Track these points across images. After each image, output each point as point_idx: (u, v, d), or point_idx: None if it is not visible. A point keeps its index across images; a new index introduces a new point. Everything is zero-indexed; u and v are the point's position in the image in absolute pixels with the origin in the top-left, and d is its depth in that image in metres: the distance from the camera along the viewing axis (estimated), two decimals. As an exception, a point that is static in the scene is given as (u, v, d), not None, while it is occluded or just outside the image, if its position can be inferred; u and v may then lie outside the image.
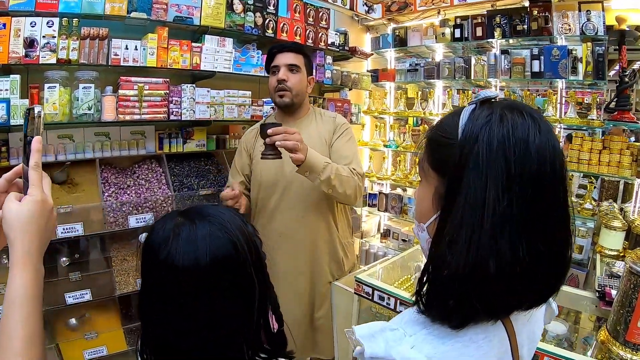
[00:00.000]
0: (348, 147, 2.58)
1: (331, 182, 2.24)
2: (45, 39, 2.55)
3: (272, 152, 2.11)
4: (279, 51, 2.56)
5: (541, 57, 3.80)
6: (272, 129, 2.07)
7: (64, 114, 2.63)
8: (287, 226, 2.54)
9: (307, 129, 2.57)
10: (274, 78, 2.54)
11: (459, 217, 0.79)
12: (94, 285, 2.82)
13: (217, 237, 1.01)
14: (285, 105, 2.54)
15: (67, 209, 2.63)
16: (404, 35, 4.73)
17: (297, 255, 2.56)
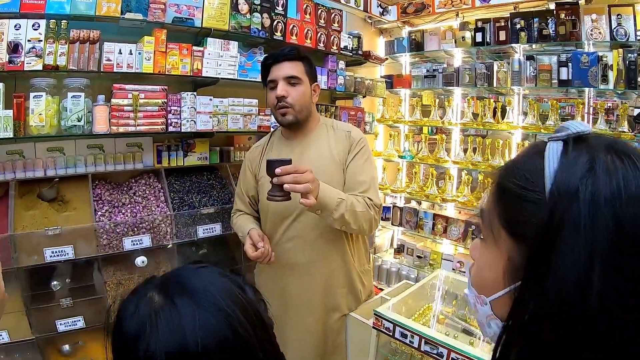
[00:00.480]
0: (365, 170, 2.31)
1: (345, 220, 2.05)
2: (31, 43, 2.34)
3: (279, 193, 1.87)
4: (273, 62, 2.28)
5: (569, 63, 3.56)
6: (281, 169, 1.81)
7: (52, 125, 2.42)
8: (298, 256, 2.29)
9: (318, 145, 2.32)
10: (272, 94, 2.27)
11: (551, 299, 0.61)
12: (87, 311, 2.60)
13: (208, 322, 0.74)
14: (288, 123, 2.27)
15: (55, 231, 2.42)
16: (420, 39, 4.48)
17: (309, 288, 2.30)
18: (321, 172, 2.12)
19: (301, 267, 2.28)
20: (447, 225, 4.04)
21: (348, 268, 2.35)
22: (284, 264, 2.29)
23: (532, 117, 3.66)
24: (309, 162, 2.18)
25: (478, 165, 3.86)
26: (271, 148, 2.40)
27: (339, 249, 2.31)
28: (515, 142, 3.83)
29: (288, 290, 2.30)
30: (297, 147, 2.30)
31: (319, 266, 2.28)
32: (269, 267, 2.30)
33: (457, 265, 3.86)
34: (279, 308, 2.27)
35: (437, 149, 4.20)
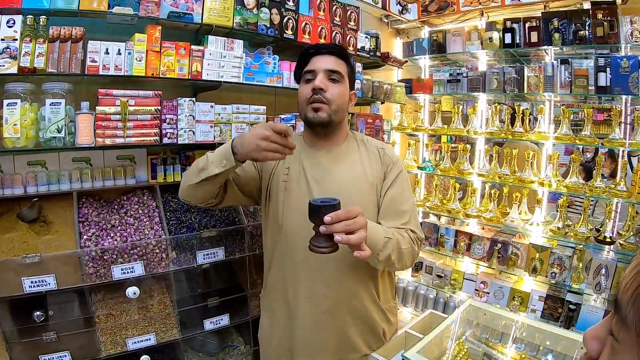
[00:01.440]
0: (407, 198, 2.03)
1: (390, 261, 1.79)
2: (5, 42, 2.07)
3: (326, 244, 1.50)
4: (316, 52, 1.98)
5: (607, 68, 3.26)
6: (332, 216, 1.45)
7: (28, 137, 2.15)
8: (315, 289, 1.97)
9: (348, 160, 2.03)
10: (307, 86, 1.95)
11: None
12: (74, 345, 2.34)
13: None
14: (320, 122, 1.93)
15: (34, 259, 2.14)
16: (442, 40, 4.19)
17: (323, 325, 2.00)
18: (353, 193, 1.93)
19: (317, 301, 1.97)
20: (470, 242, 3.74)
21: (372, 305, 2.05)
22: (294, 295, 2.00)
23: (566, 127, 3.33)
24: (340, 178, 1.96)
25: (506, 178, 3.54)
26: (290, 156, 2.06)
27: (363, 283, 2.01)
28: (546, 154, 3.52)
29: (296, 323, 2.01)
30: (324, 159, 2.00)
31: (338, 301, 1.98)
32: (276, 295, 2.05)
33: (481, 287, 3.58)
34: (285, 340, 2.04)
35: (460, 160, 3.89)
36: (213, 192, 1.92)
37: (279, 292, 2.03)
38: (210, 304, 2.71)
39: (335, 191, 1.87)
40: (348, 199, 1.80)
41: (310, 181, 1.93)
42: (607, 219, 3.03)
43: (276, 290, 2.05)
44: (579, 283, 3.05)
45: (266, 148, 1.64)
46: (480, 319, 2.23)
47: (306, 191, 1.92)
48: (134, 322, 2.48)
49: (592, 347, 0.69)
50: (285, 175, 1.97)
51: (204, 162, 1.82)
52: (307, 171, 1.96)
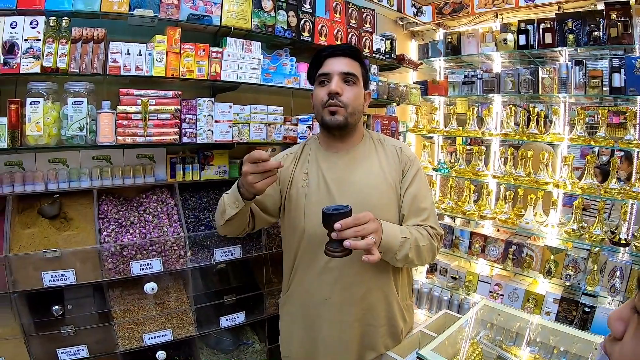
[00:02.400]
0: (426, 196, 2.04)
1: (408, 259, 1.83)
2: (28, 42, 2.12)
3: (339, 249, 1.57)
4: (330, 54, 1.98)
5: (622, 69, 3.24)
6: (341, 224, 1.52)
7: (51, 135, 2.18)
8: (336, 290, 1.98)
9: (366, 161, 2.03)
10: (322, 90, 1.95)
11: None
12: (92, 340, 2.37)
13: None
14: (337, 125, 1.94)
15: (54, 254, 2.18)
16: (457, 42, 4.19)
17: (345, 326, 2.00)
18: (372, 193, 1.93)
19: (337, 302, 1.98)
20: (485, 244, 3.74)
21: (391, 304, 2.06)
22: (318, 297, 2.01)
23: (581, 128, 3.32)
24: (359, 179, 1.96)
25: (520, 180, 3.54)
26: (307, 159, 2.07)
27: (383, 283, 2.02)
28: (561, 155, 3.51)
29: (319, 326, 2.02)
30: (342, 161, 2.00)
31: (359, 302, 1.98)
32: (299, 299, 2.05)
33: (495, 288, 3.57)
34: (307, 344, 2.06)
35: (475, 161, 3.89)
36: (243, 224, 1.98)
37: (302, 296, 2.04)
38: (227, 302, 2.73)
39: (354, 192, 1.90)
40: (368, 199, 1.85)
41: (330, 184, 1.94)
42: (623, 220, 3.02)
43: (298, 295, 2.06)
44: (594, 285, 3.04)
45: (254, 180, 1.67)
46: (495, 319, 2.23)
47: (326, 194, 1.93)
48: (151, 318, 2.51)
49: (617, 327, 0.72)
50: (304, 180, 1.98)
51: (222, 206, 1.91)
52: (325, 174, 1.96)
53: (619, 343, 0.72)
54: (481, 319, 2.27)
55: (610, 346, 0.74)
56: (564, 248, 3.26)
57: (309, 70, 2.09)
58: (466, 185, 3.97)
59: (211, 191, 2.90)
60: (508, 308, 2.34)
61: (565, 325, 2.21)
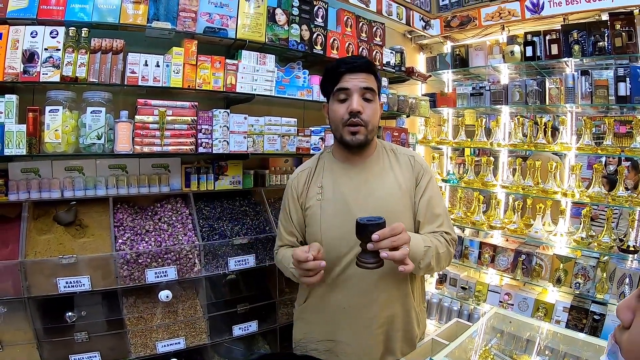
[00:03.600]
0: (439, 202, 2.06)
1: (430, 267, 1.85)
2: (48, 52, 2.18)
3: (373, 260, 1.57)
4: (348, 70, 1.93)
5: (627, 78, 3.27)
6: (378, 234, 1.52)
7: (69, 143, 2.23)
8: (355, 299, 1.98)
9: (381, 171, 2.03)
10: (342, 106, 1.92)
11: None
12: (105, 347, 2.39)
13: None
14: (358, 144, 1.93)
15: (70, 260, 2.21)
16: (465, 54, 4.23)
17: (365, 335, 2.00)
18: (389, 202, 1.93)
19: (357, 311, 1.98)
20: (494, 254, 3.75)
21: (409, 310, 2.06)
22: (336, 306, 2.01)
23: (588, 137, 3.35)
24: (374, 189, 1.96)
25: (529, 190, 3.56)
26: (321, 173, 2.07)
27: (401, 289, 2.03)
28: (569, 165, 3.53)
29: (339, 334, 2.02)
30: (357, 172, 2.00)
31: (378, 310, 1.98)
32: (316, 308, 2.05)
33: (505, 298, 3.57)
34: (325, 349, 2.05)
35: (484, 172, 3.91)
36: None
37: (319, 306, 2.04)
38: (240, 310, 2.75)
39: (371, 201, 1.91)
40: (384, 207, 1.86)
41: (347, 195, 1.94)
42: (631, 228, 3.03)
43: (316, 304, 2.06)
44: (603, 293, 3.04)
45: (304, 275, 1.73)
46: (505, 327, 2.24)
47: (342, 206, 1.93)
48: (164, 326, 2.52)
49: (625, 316, 0.74)
50: (319, 194, 1.98)
51: (294, 278, 1.94)
52: (341, 186, 1.97)
53: (627, 332, 0.73)
54: (492, 327, 2.28)
55: (619, 335, 0.75)
56: (573, 256, 3.26)
57: (323, 83, 2.06)
58: (475, 195, 3.98)
59: (225, 201, 2.93)
60: (519, 316, 2.36)
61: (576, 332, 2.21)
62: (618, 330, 0.76)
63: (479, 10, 4.11)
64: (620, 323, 0.76)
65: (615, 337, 0.77)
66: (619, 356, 0.75)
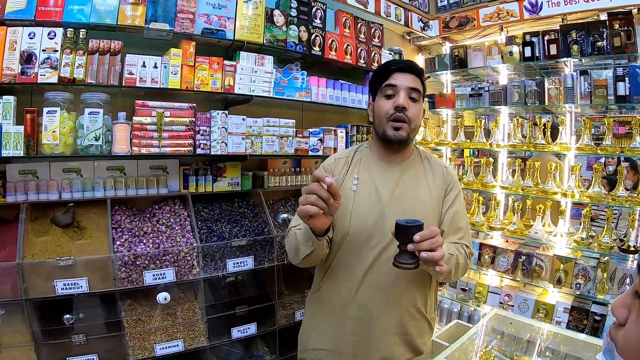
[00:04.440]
0: (462, 214, 2.08)
1: (450, 275, 1.88)
2: (46, 53, 2.18)
3: (411, 260, 1.57)
4: (399, 69, 1.97)
5: (626, 78, 3.28)
6: (420, 236, 1.52)
7: (67, 144, 2.23)
8: (370, 296, 1.97)
9: (416, 175, 2.05)
10: (388, 102, 1.95)
11: None
12: (102, 349, 2.38)
13: None
14: (400, 140, 1.95)
15: (68, 262, 2.19)
16: (463, 55, 4.22)
17: (378, 333, 1.99)
18: (419, 206, 1.95)
19: (370, 307, 1.97)
20: (494, 255, 3.74)
21: (418, 315, 2.06)
22: (349, 300, 1.99)
23: (587, 137, 3.34)
24: (407, 191, 1.97)
25: (529, 190, 3.55)
26: (358, 165, 2.07)
27: (416, 293, 2.03)
28: (568, 165, 3.52)
29: (350, 328, 2.00)
30: (394, 172, 2.01)
31: (390, 309, 1.98)
32: (329, 298, 2.03)
33: (505, 299, 3.56)
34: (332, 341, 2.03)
35: (483, 173, 3.90)
36: (321, 255, 1.93)
37: (332, 296, 2.03)
38: (239, 312, 2.74)
39: (403, 203, 1.92)
40: (415, 211, 1.87)
41: (381, 192, 1.94)
42: (631, 227, 3.02)
43: (329, 294, 2.04)
44: (604, 293, 3.03)
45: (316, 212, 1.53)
46: (506, 328, 2.23)
47: (376, 202, 1.93)
48: (162, 328, 2.51)
49: (620, 314, 0.74)
50: (354, 185, 1.97)
51: (295, 244, 1.84)
52: (377, 182, 1.97)
53: (622, 329, 0.74)
54: (493, 328, 2.27)
55: (615, 333, 0.76)
56: (574, 257, 3.25)
57: (372, 81, 2.08)
58: (475, 196, 3.97)
59: (223, 202, 2.92)
60: (519, 317, 2.35)
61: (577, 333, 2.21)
62: (614, 328, 0.77)
63: (477, 11, 4.12)
64: (615, 320, 0.77)
65: (611, 335, 0.77)
66: (615, 354, 0.75)
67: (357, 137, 3.40)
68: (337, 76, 3.35)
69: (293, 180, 3.21)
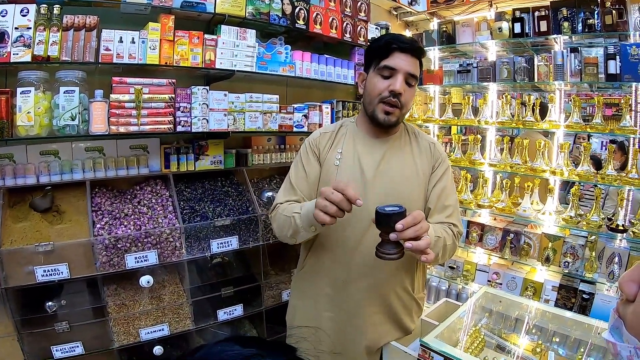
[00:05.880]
0: (450, 191, 2.04)
1: (437, 258, 1.81)
2: (19, 31, 2.09)
3: (395, 250, 1.50)
4: (400, 49, 1.87)
5: (617, 56, 3.22)
6: (402, 224, 1.45)
7: (42, 125, 2.15)
8: (357, 275, 1.94)
9: (402, 153, 2.01)
10: (384, 83, 1.88)
11: None
12: (87, 336, 2.33)
13: None
14: (389, 125, 1.92)
15: (47, 247, 2.13)
16: (452, 31, 4.14)
17: (359, 311, 1.98)
18: (404, 184, 1.94)
19: (356, 287, 1.95)
20: (482, 233, 3.71)
21: (406, 295, 2.06)
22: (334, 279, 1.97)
23: (577, 115, 3.31)
24: (391, 168, 1.94)
25: (517, 168, 3.52)
26: (342, 139, 2.02)
27: (403, 273, 2.02)
28: (557, 143, 3.49)
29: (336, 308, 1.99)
30: (379, 148, 1.97)
31: (377, 289, 1.96)
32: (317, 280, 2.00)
33: (493, 277, 3.54)
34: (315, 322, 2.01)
35: (471, 151, 3.87)
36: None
37: (317, 274, 2.00)
38: (224, 294, 2.70)
39: (387, 181, 1.89)
40: (398, 189, 1.86)
41: (364, 168, 1.91)
42: (620, 207, 3.01)
43: (314, 272, 2.02)
44: (592, 272, 3.02)
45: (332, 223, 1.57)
46: (495, 307, 2.22)
47: (359, 177, 1.90)
48: (147, 313, 2.47)
49: (629, 289, 0.70)
50: (337, 159, 1.93)
51: (294, 227, 1.79)
52: (361, 158, 1.93)
53: (631, 305, 0.71)
54: (481, 306, 2.26)
55: (623, 309, 0.72)
56: (562, 235, 3.24)
57: (369, 53, 1.99)
58: (462, 174, 3.94)
59: (206, 182, 2.86)
60: (509, 295, 2.34)
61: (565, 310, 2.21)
62: (621, 304, 0.73)
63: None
64: (622, 297, 0.73)
65: (618, 311, 0.74)
66: (623, 331, 0.72)
67: (343, 113, 3.35)
68: (322, 51, 3.28)
69: (277, 158, 3.15)
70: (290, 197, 1.98)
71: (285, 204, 1.94)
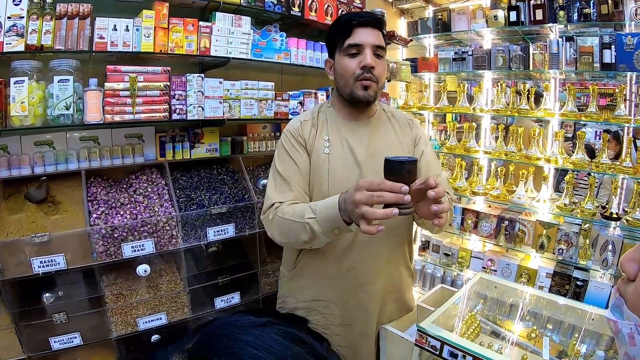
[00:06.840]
0: (435, 162, 2.07)
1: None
2: (11, 20, 2.06)
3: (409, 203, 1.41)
4: (360, 24, 1.87)
5: (612, 46, 3.21)
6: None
7: (36, 115, 2.13)
8: (362, 264, 1.93)
9: (384, 132, 2.01)
10: (353, 61, 1.86)
11: None
12: (85, 326, 2.34)
13: None
14: (369, 100, 1.89)
15: (43, 238, 2.13)
16: (447, 18, 4.13)
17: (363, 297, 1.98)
18: None
19: (359, 272, 1.94)
20: (477, 220, 3.73)
21: (405, 270, 2.09)
22: (336, 271, 1.94)
23: (571, 104, 3.31)
24: (380, 147, 1.93)
25: (512, 156, 3.53)
26: (325, 126, 1.99)
27: (401, 252, 2.05)
28: (552, 131, 3.49)
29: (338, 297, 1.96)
30: (363, 130, 1.96)
31: (379, 270, 1.97)
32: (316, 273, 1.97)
33: (488, 264, 3.56)
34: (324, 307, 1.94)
35: (466, 138, 3.87)
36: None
37: (316, 268, 1.97)
38: (221, 282, 2.71)
39: (378, 161, 1.81)
40: None
41: (356, 151, 1.89)
42: (613, 195, 3.02)
43: (312, 266, 1.98)
44: (586, 259, 3.05)
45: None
46: (490, 293, 2.23)
47: (352, 162, 1.89)
48: (144, 302, 2.48)
49: (630, 268, 0.71)
50: (326, 147, 1.91)
51: (310, 234, 1.67)
52: (350, 141, 1.91)
53: (632, 284, 0.71)
54: (477, 292, 2.27)
55: (624, 288, 0.73)
56: (556, 223, 3.25)
57: (331, 37, 1.98)
58: (457, 161, 3.95)
59: (202, 170, 2.86)
60: (504, 280, 2.36)
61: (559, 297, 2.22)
62: (622, 283, 0.74)
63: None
64: (624, 276, 0.74)
65: (619, 290, 0.74)
66: (624, 309, 0.73)
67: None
68: (318, 38, 3.26)
69: (273, 145, 3.13)
70: (285, 193, 1.88)
71: (284, 206, 1.82)
